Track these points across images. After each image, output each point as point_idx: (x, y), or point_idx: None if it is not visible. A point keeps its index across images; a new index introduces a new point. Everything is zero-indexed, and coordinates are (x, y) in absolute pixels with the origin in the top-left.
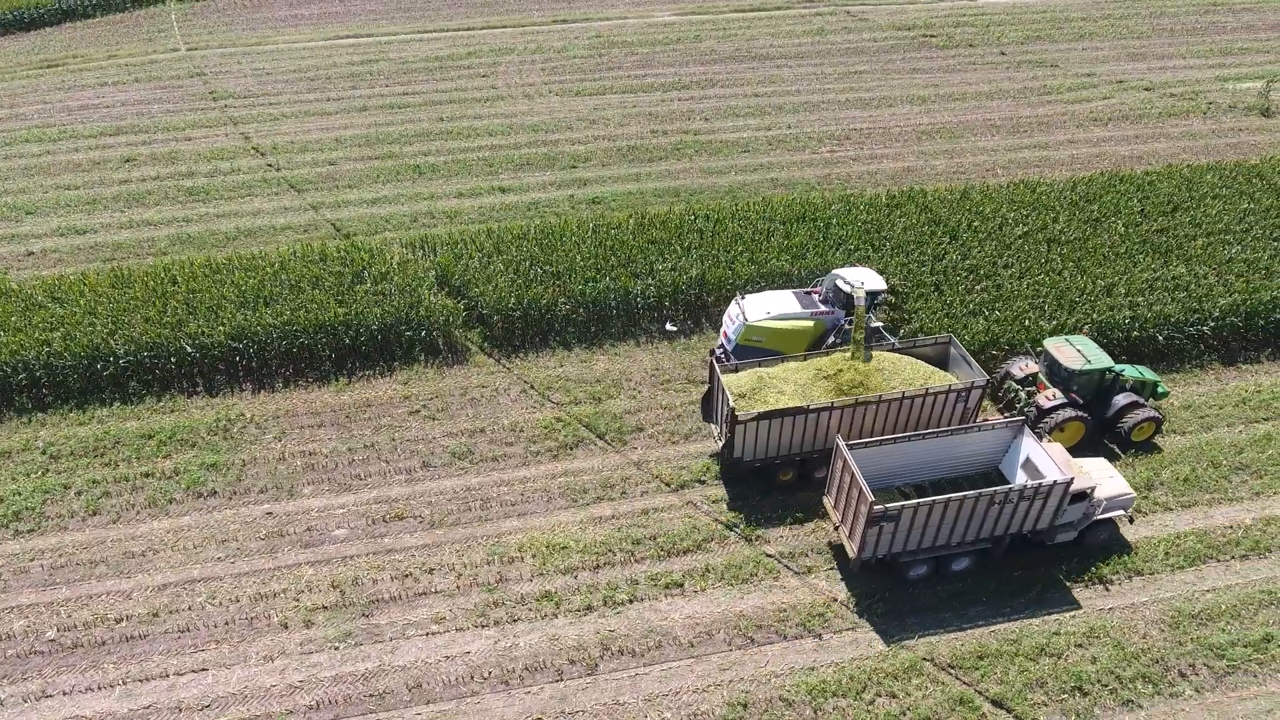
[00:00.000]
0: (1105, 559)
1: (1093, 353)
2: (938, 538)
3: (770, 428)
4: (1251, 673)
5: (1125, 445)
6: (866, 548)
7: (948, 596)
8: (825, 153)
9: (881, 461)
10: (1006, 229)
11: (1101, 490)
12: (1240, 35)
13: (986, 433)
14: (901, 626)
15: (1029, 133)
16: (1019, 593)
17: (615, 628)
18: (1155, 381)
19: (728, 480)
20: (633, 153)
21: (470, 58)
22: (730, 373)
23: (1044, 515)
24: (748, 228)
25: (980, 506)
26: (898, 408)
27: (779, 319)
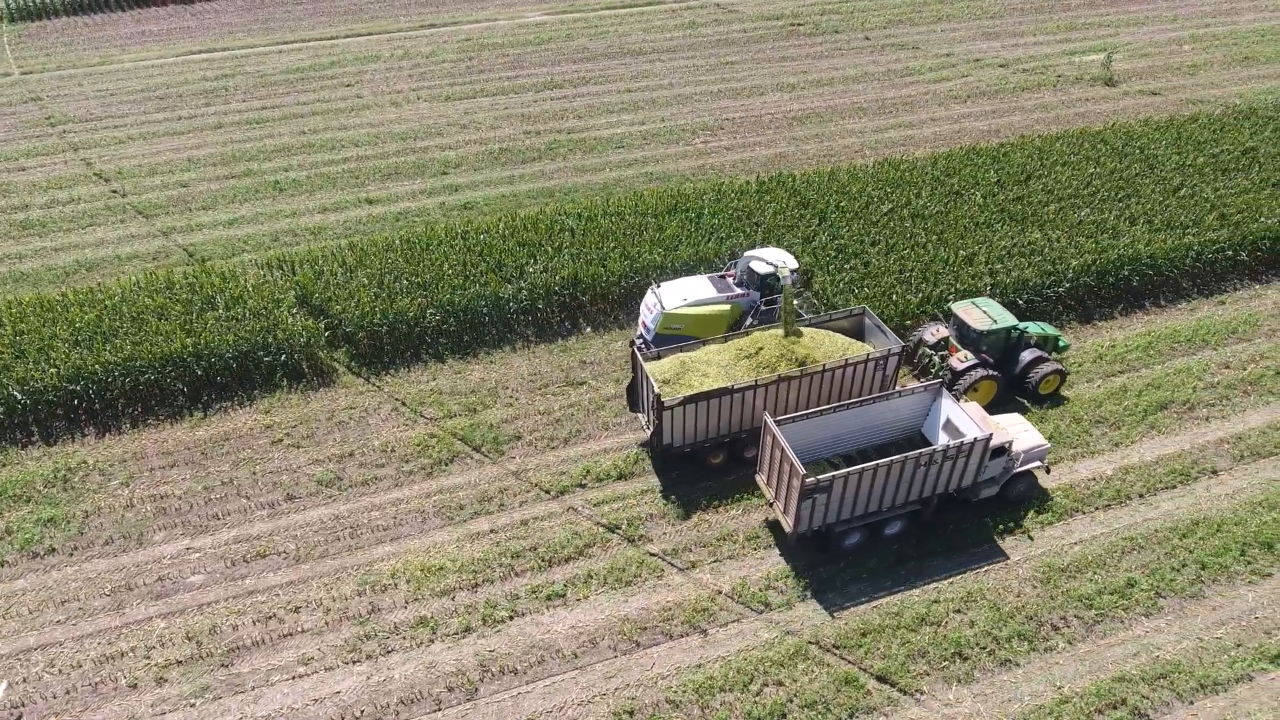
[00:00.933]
0: (985, 521)
1: (997, 313)
2: (869, 504)
3: (697, 411)
4: (1118, 619)
5: (1034, 399)
6: (802, 521)
7: (829, 577)
8: (699, 144)
9: (809, 434)
10: (873, 207)
11: (1018, 444)
12: (1084, 11)
13: (907, 398)
14: (789, 612)
15: (894, 113)
16: (898, 564)
17: (495, 647)
18: (1056, 336)
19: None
20: (505, 155)
21: (334, 67)
22: (653, 360)
23: (968, 472)
24: (619, 223)
25: (908, 469)
26: (820, 380)
27: (696, 305)
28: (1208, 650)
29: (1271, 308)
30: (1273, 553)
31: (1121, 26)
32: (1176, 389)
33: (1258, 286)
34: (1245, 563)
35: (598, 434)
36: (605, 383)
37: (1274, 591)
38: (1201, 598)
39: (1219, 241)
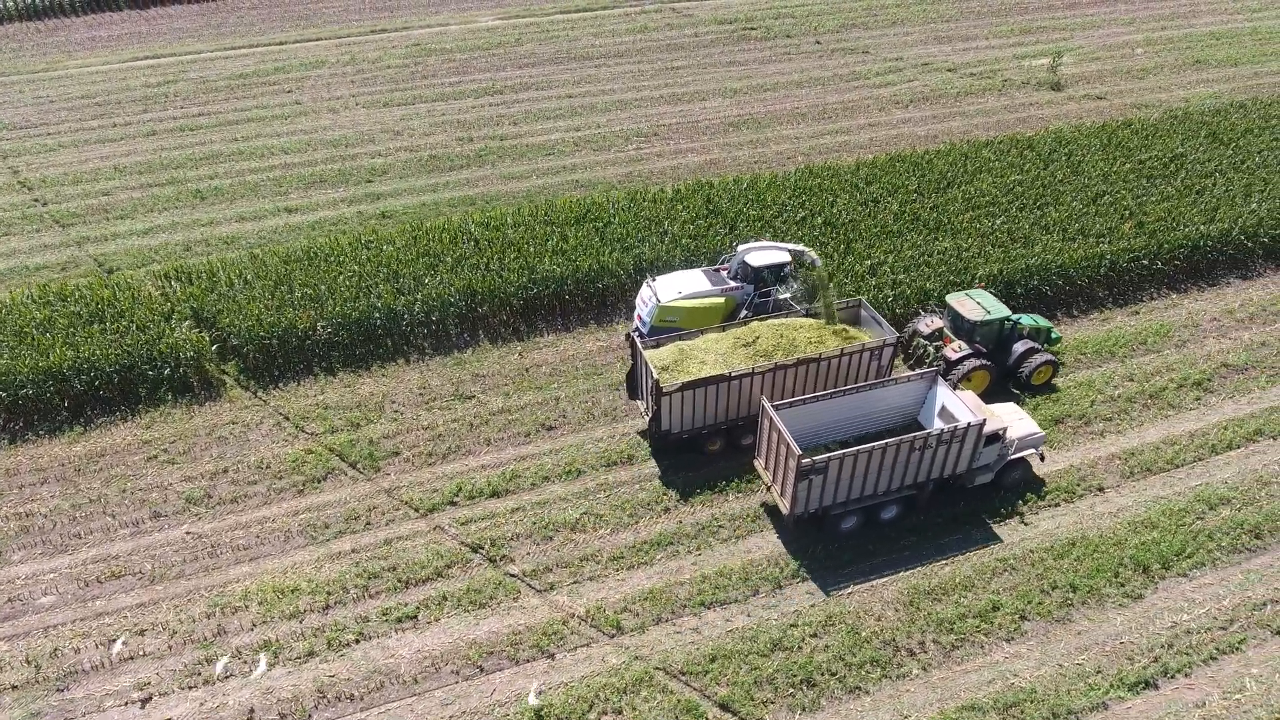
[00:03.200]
0: (848, 547)
1: (991, 304)
2: (865, 488)
3: (695, 398)
4: (978, 644)
5: (1027, 389)
6: (798, 503)
7: (687, 599)
8: (631, 150)
9: (807, 420)
10: (785, 215)
11: (1013, 431)
12: (1040, 15)
13: (903, 385)
14: (640, 636)
15: (833, 119)
16: (763, 585)
17: (336, 672)
18: (1048, 328)
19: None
20: (434, 163)
21: (278, 73)
22: (651, 348)
23: (962, 458)
24: (525, 233)
25: (902, 453)
26: (815, 369)
27: (691, 297)
28: (1066, 677)
29: (1185, 318)
30: (1147, 575)
31: (1076, 29)
32: (1074, 403)
33: (1175, 296)
34: (1118, 585)
35: (478, 450)
36: (494, 396)
37: (1143, 615)
38: (1068, 622)
39: (1133, 250)
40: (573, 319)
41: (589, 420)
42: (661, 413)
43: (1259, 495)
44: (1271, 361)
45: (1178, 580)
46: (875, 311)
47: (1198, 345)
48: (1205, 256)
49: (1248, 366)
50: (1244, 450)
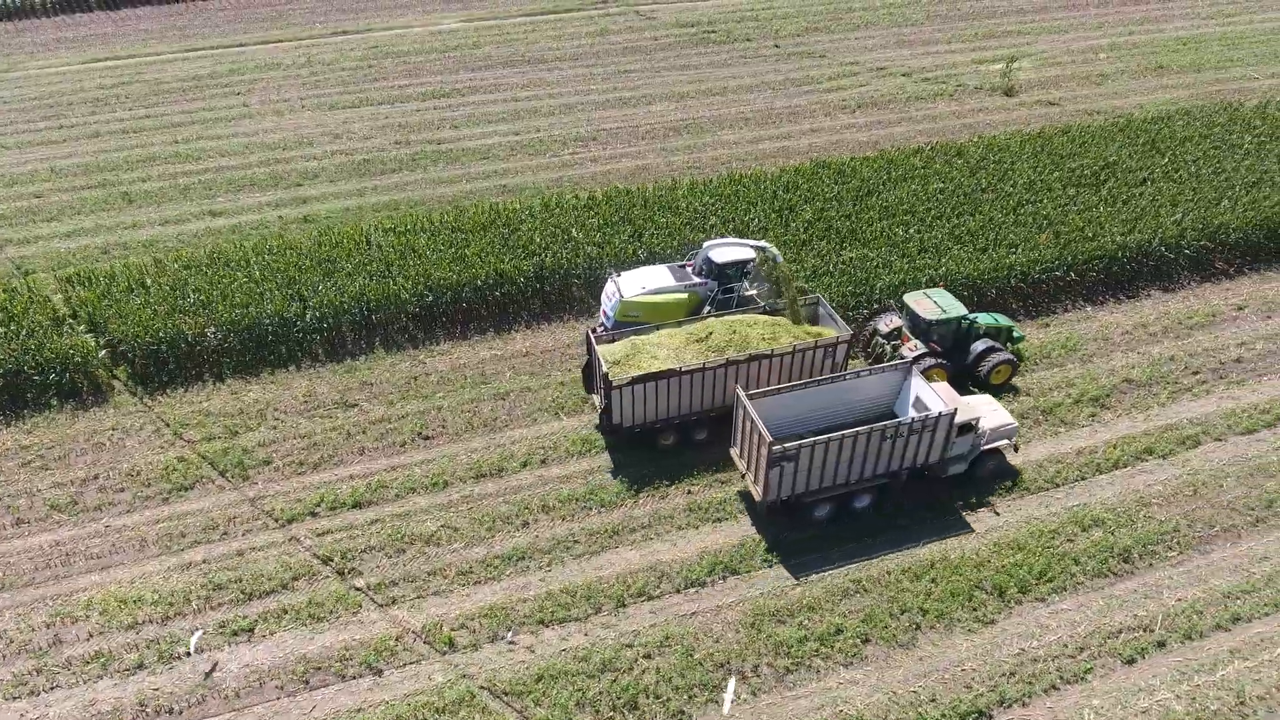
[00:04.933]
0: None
1: (948, 304)
2: (837, 476)
3: (646, 392)
4: (814, 668)
5: (986, 388)
6: (770, 489)
7: (528, 614)
8: (568, 155)
9: (782, 409)
10: (695, 224)
11: (986, 422)
12: (1008, 19)
13: (877, 376)
14: (472, 654)
15: (777, 124)
16: (606, 603)
17: (162, 685)
18: (1010, 327)
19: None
20: (367, 166)
21: (231, 75)
22: (606, 343)
23: (934, 447)
24: (430, 239)
25: (874, 442)
26: (769, 365)
27: (654, 293)
28: (897, 705)
29: (1096, 331)
30: (1003, 599)
31: (1042, 34)
32: None
33: (1090, 308)
34: (970, 609)
35: (351, 459)
36: (378, 405)
37: (991, 641)
38: (912, 647)
39: (1045, 261)
40: (471, 327)
41: (467, 431)
42: (612, 406)
43: (1136, 517)
44: (1176, 377)
45: (1034, 605)
46: (830, 308)
47: (1104, 360)
48: (1124, 268)
49: (1150, 382)
50: (1130, 470)
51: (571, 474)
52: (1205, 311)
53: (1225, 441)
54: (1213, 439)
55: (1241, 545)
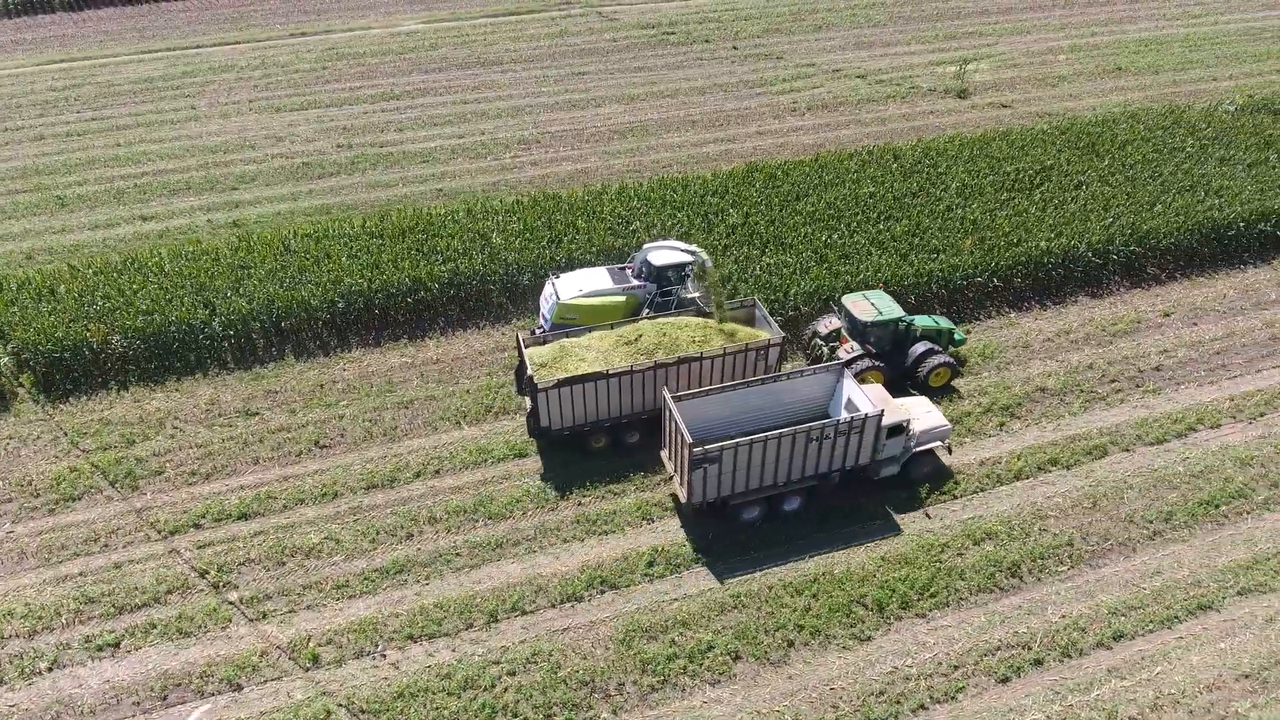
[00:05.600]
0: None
1: (885, 306)
2: (764, 478)
3: (573, 394)
4: (680, 686)
5: (926, 391)
6: (695, 492)
7: (399, 627)
8: (509, 158)
9: (711, 411)
10: (618, 229)
11: (919, 424)
12: (971, 20)
13: (809, 378)
14: (336, 670)
15: (724, 126)
16: (478, 618)
17: (18, 701)
18: (951, 330)
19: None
20: (305, 170)
21: (184, 77)
22: (537, 344)
23: (863, 449)
24: (347, 245)
25: (800, 444)
26: (699, 368)
27: (591, 295)
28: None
29: (1018, 338)
30: (883, 614)
31: (1004, 35)
32: None
33: (1014, 315)
34: (848, 625)
35: (244, 469)
36: (280, 413)
37: (865, 659)
38: (783, 665)
39: (967, 267)
40: (385, 334)
41: (365, 440)
42: (539, 409)
43: (1030, 530)
44: (1091, 386)
45: (914, 621)
46: (765, 311)
47: (1020, 368)
48: (1050, 274)
49: (1064, 391)
50: (1031, 481)
51: (464, 485)
52: (1131, 318)
53: (1133, 452)
54: (1120, 449)
55: (1135, 559)
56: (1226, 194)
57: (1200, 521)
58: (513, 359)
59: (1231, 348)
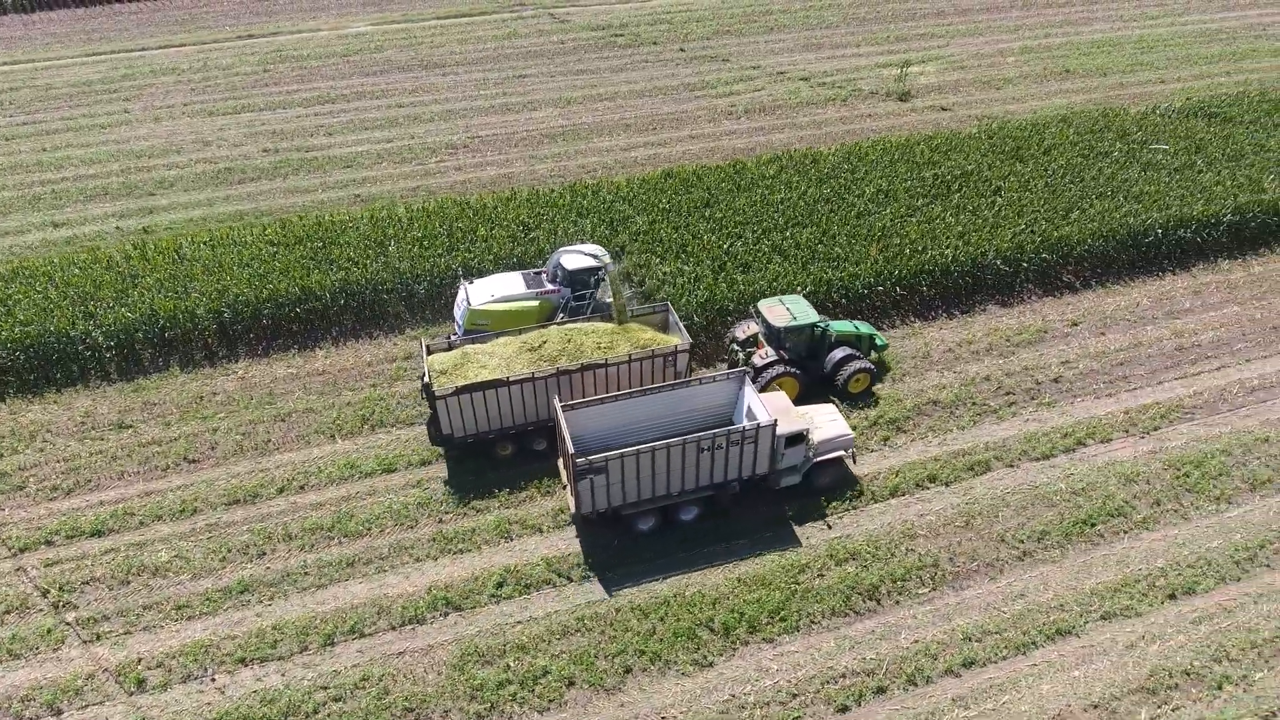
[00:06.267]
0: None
1: (801, 310)
2: (656, 489)
3: (474, 402)
4: (506, 714)
5: (845, 398)
6: (584, 502)
7: (231, 651)
8: (434, 163)
9: (608, 420)
10: (518, 236)
11: (820, 433)
12: (925, 21)
13: (711, 386)
14: (161, 695)
15: (659, 130)
16: (313, 642)
17: None
18: (872, 335)
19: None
20: (227, 175)
21: (123, 80)
22: (441, 351)
23: (760, 459)
24: (242, 253)
25: (690, 454)
26: (604, 375)
27: (503, 301)
28: None
29: (918, 348)
30: (729, 639)
31: (956, 37)
32: None
33: (920, 324)
34: (691, 650)
35: (107, 484)
36: (155, 426)
37: (702, 686)
38: (618, 691)
39: (863, 276)
40: (275, 344)
41: (236, 454)
42: (439, 416)
43: (896, 550)
44: (984, 399)
45: (760, 647)
46: (676, 317)
47: (916, 379)
48: (958, 282)
49: (956, 404)
50: (906, 498)
51: (326, 501)
52: (1037, 328)
53: (1016, 468)
54: (1005, 465)
55: (1000, 581)
56: (1146, 200)
57: (1074, 541)
58: (399, 371)
59: (1136, 359)
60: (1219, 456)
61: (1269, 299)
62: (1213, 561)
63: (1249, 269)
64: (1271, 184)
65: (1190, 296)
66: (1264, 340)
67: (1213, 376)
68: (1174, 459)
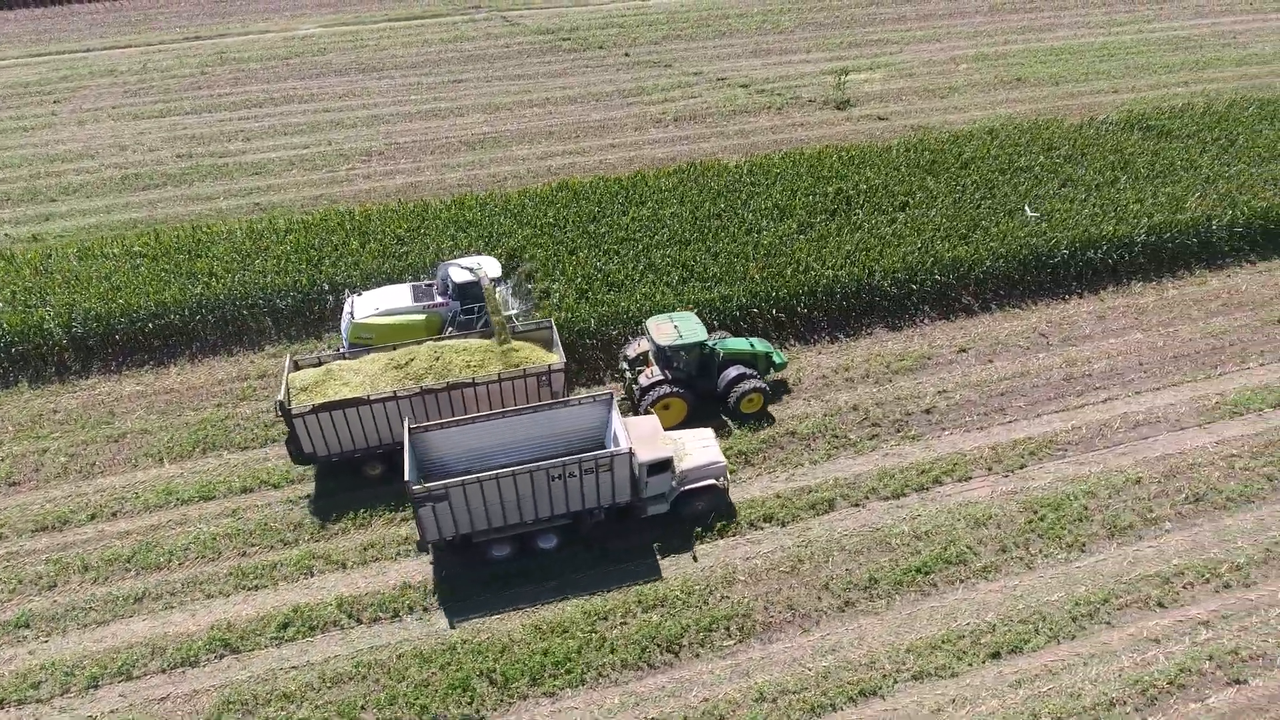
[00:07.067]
0: None
1: (689, 328)
2: (508, 516)
3: (334, 420)
4: None
5: (738, 418)
6: (427, 529)
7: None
8: (345, 171)
9: (477, 441)
10: (389, 249)
11: (689, 461)
12: (884, 27)
13: (578, 408)
14: None
15: (581, 138)
16: (75, 685)
17: None
18: (768, 353)
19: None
20: (133, 181)
21: (61, 82)
22: (311, 366)
23: (619, 487)
24: (105, 265)
25: (540, 481)
26: (473, 395)
27: (387, 314)
28: None
29: (791, 374)
30: (505, 692)
31: (911, 43)
32: None
33: (799, 348)
34: (463, 703)
35: None
36: None
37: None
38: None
39: (738, 296)
40: (131, 360)
41: (58, 477)
42: (298, 434)
43: (710, 597)
44: (846, 430)
45: (539, 701)
46: (557, 335)
47: (780, 407)
48: (840, 304)
49: (814, 435)
50: (734, 540)
51: (135, 529)
52: (921, 354)
53: (862, 508)
54: (850, 504)
55: (814, 633)
56: (1055, 219)
57: (904, 590)
58: (248, 390)
59: (1018, 389)
60: (1082, 499)
61: (1176, 325)
62: (1048, 617)
63: (1163, 293)
64: (1196, 202)
65: (1094, 322)
66: (1160, 370)
67: (1096, 410)
68: (1033, 500)
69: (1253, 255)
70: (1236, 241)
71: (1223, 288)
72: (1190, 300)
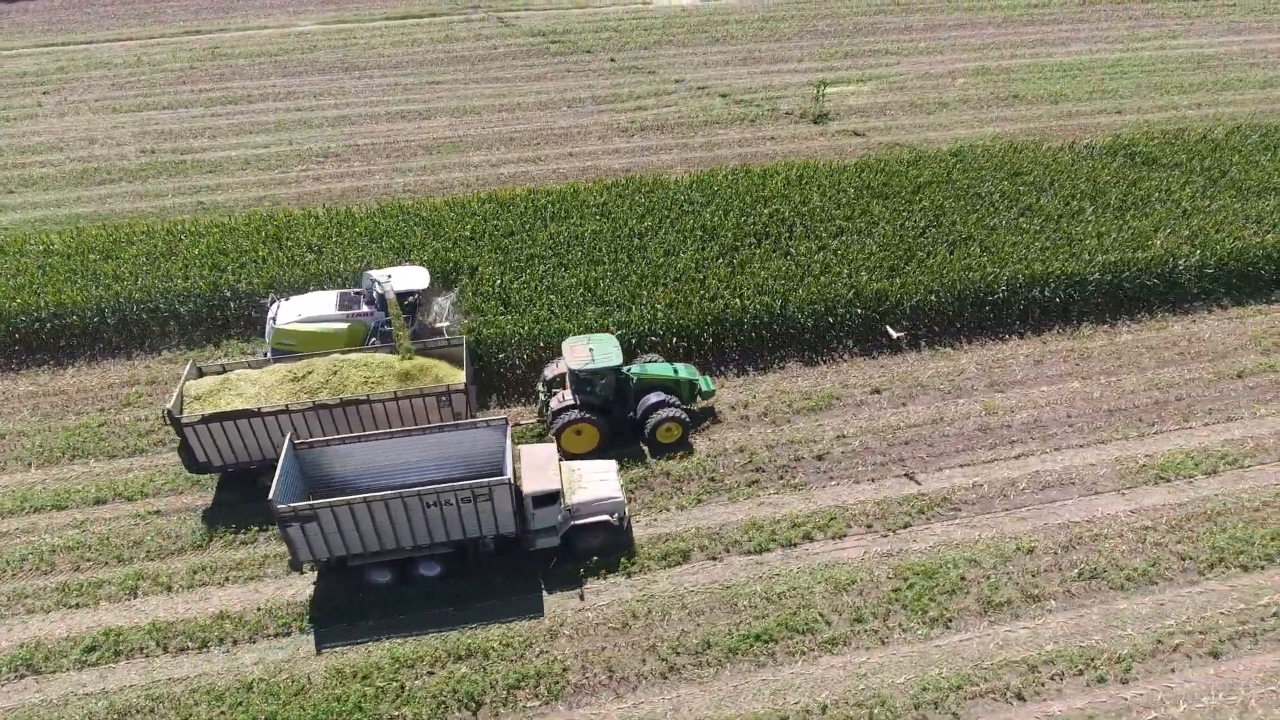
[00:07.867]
0: None
1: (604, 352)
2: (384, 541)
3: (226, 431)
4: None
5: (656, 448)
6: (298, 550)
7: None
8: (296, 172)
9: (368, 460)
10: (296, 258)
11: (583, 494)
12: (890, 36)
13: (473, 431)
14: None
15: (541, 146)
16: None
17: None
18: (692, 380)
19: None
20: (91, 176)
21: (57, 73)
22: (215, 374)
23: (502, 518)
24: (18, 262)
25: (415, 508)
26: (369, 411)
27: (309, 322)
28: None
29: None
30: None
31: (911, 54)
32: None
33: (719, 377)
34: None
35: None
36: None
37: None
38: None
39: (635, 324)
40: (32, 359)
41: None
42: (190, 443)
43: (529, 651)
44: (723, 475)
45: None
46: (467, 353)
47: (659, 446)
48: (750, 335)
49: (686, 479)
50: (571, 591)
51: None
52: (830, 392)
53: (719, 561)
54: (706, 557)
55: (625, 701)
56: (997, 253)
57: (738, 659)
58: (133, 396)
59: (924, 438)
60: (961, 567)
61: (1120, 374)
62: (887, 702)
63: (1114, 337)
64: (1162, 239)
65: (1029, 366)
66: (1089, 425)
67: (1005, 466)
68: (906, 566)
69: (1225, 299)
70: (1207, 283)
71: (1184, 334)
72: (1144, 346)
